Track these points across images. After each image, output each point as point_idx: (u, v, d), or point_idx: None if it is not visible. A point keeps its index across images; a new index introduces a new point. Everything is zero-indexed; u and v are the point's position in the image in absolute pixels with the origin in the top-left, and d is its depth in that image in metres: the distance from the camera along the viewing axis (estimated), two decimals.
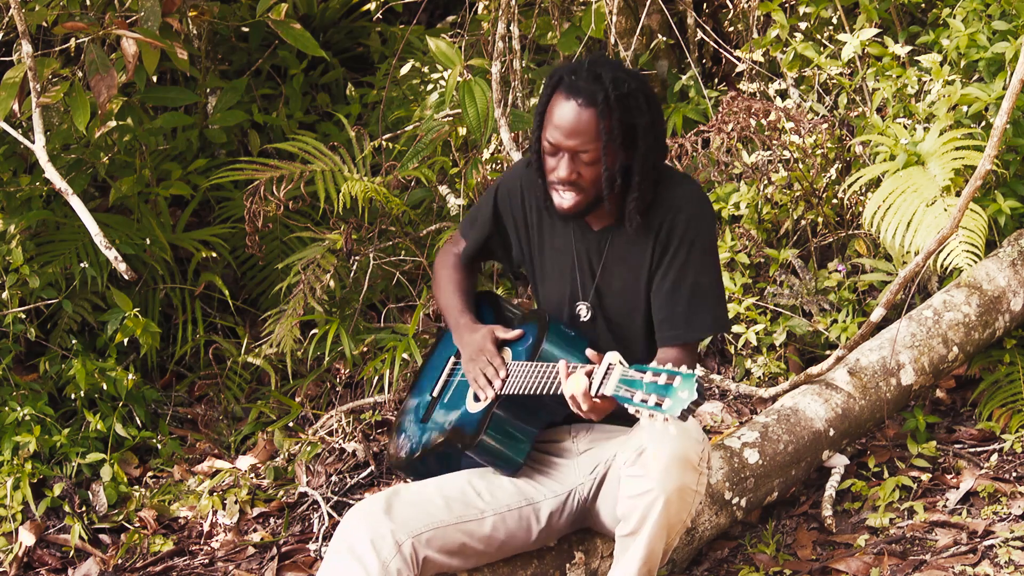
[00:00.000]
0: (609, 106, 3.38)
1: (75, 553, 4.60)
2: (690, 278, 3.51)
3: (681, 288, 3.51)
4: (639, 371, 3.11)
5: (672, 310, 3.51)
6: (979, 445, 4.40)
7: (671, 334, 3.52)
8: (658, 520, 3.32)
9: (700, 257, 3.51)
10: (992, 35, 4.65)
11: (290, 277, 5.10)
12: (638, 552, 3.37)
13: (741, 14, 5.34)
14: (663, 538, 3.36)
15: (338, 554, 3.39)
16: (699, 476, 3.33)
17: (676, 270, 3.51)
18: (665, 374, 3.06)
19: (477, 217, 3.84)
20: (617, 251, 3.58)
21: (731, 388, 4.63)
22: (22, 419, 4.84)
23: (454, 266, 3.91)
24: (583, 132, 3.40)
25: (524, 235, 3.73)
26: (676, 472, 3.28)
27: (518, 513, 3.56)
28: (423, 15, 6.17)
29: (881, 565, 3.87)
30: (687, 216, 3.50)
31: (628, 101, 3.40)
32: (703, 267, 3.52)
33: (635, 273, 3.56)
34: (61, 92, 4.64)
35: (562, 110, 3.41)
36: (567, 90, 3.41)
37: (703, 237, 3.52)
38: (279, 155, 5.34)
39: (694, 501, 3.35)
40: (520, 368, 3.51)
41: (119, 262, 4.05)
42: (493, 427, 3.53)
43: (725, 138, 4.80)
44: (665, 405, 3.01)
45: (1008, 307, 4.47)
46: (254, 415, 5.13)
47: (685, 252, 3.50)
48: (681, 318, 3.51)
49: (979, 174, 3.81)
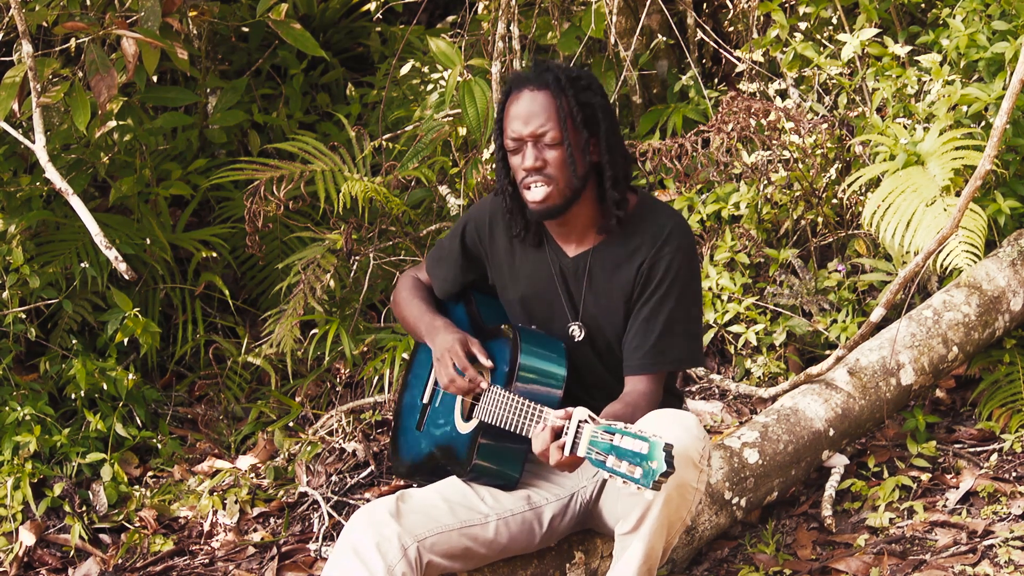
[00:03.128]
0: (561, 85, 3.41)
1: (75, 553, 4.61)
2: (666, 312, 3.48)
3: (656, 320, 3.48)
4: (608, 432, 3.10)
5: (644, 339, 3.49)
6: (979, 445, 4.40)
7: (638, 363, 3.50)
8: (658, 517, 3.31)
9: (680, 291, 3.49)
10: (992, 35, 4.65)
11: (290, 277, 5.11)
12: (638, 550, 3.36)
13: (741, 14, 5.34)
14: (663, 536, 3.35)
15: (343, 556, 3.40)
16: (699, 473, 3.33)
17: (655, 302, 3.49)
18: (633, 439, 3.06)
19: (443, 255, 3.80)
20: (596, 279, 3.56)
21: (731, 388, 4.63)
22: (22, 419, 4.84)
23: (415, 287, 3.86)
24: (539, 112, 3.41)
25: (495, 267, 3.71)
26: (678, 469, 3.28)
27: (521, 517, 3.57)
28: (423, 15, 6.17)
29: (881, 565, 3.87)
30: (671, 250, 3.48)
31: (579, 82, 3.44)
32: (681, 301, 3.50)
33: (616, 300, 3.54)
34: (61, 92, 4.64)
35: (516, 103, 3.44)
36: (517, 86, 3.45)
37: (685, 271, 3.50)
38: (279, 155, 5.34)
39: (694, 499, 3.35)
40: (498, 397, 3.49)
41: (119, 262, 4.06)
42: (482, 454, 3.53)
43: (725, 138, 4.80)
44: (638, 475, 3.03)
45: (1008, 307, 4.47)
46: (254, 415, 5.13)
47: (667, 285, 3.48)
48: (652, 349, 3.48)
49: (979, 174, 3.82)
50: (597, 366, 3.60)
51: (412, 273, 3.93)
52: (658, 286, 3.49)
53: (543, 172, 3.43)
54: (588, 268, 3.56)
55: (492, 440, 3.52)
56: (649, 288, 3.50)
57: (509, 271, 3.67)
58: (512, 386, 3.47)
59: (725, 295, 4.80)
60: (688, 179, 4.93)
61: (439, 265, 3.81)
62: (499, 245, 3.67)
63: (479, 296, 3.82)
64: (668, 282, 3.48)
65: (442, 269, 3.80)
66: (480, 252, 3.73)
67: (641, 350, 3.49)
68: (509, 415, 3.42)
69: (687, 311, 3.51)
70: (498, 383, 3.52)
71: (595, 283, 3.56)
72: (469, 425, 3.59)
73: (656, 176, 5.11)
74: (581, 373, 3.58)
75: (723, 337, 4.85)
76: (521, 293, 3.65)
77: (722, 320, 4.79)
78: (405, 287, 3.89)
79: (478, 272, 3.77)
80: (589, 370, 3.60)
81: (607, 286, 3.55)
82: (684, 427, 3.31)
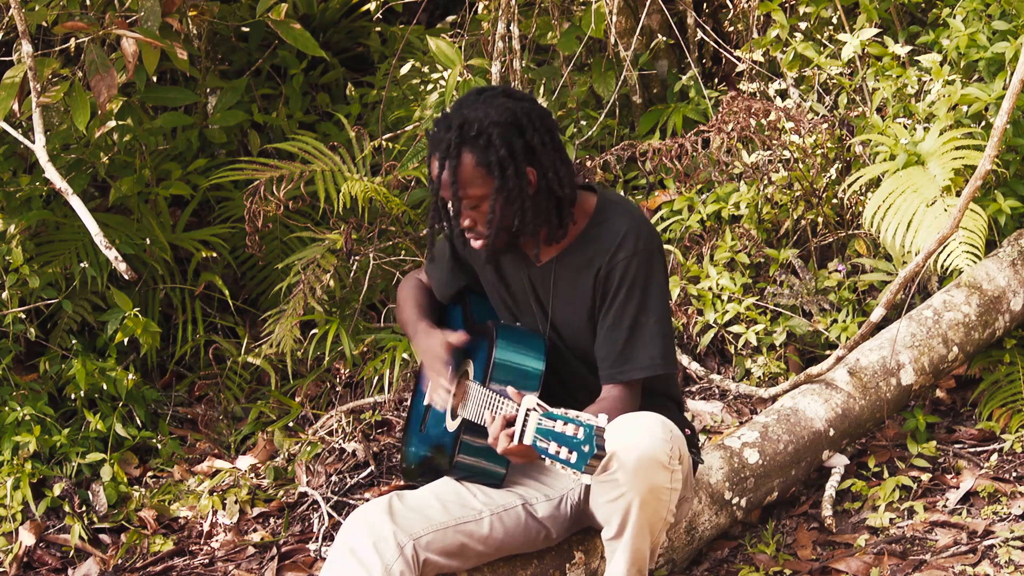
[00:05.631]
0: (452, 152, 3.34)
1: (75, 553, 4.60)
2: (629, 319, 3.45)
3: (620, 327, 3.46)
4: (551, 419, 3.10)
5: (610, 348, 3.48)
6: (979, 445, 4.40)
7: (607, 373, 3.49)
8: (637, 522, 3.32)
9: (641, 296, 3.45)
10: (992, 35, 4.65)
11: (290, 277, 5.11)
12: (624, 555, 3.38)
13: (741, 14, 5.33)
14: (646, 538, 3.36)
15: (340, 556, 3.41)
16: (671, 474, 3.30)
17: (616, 310, 3.46)
18: (572, 424, 3.06)
19: (435, 260, 3.83)
20: (561, 287, 3.55)
21: (731, 388, 4.63)
22: (22, 419, 4.84)
23: (415, 287, 3.90)
24: (447, 184, 3.38)
25: (481, 271, 3.73)
26: (645, 474, 3.26)
27: (515, 512, 3.57)
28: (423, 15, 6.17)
29: (881, 565, 3.87)
30: (626, 255, 3.45)
31: (478, 142, 3.34)
32: (643, 306, 3.46)
33: (581, 308, 3.54)
34: (61, 92, 4.64)
35: (432, 168, 3.43)
36: (431, 150, 3.42)
37: (643, 275, 3.45)
38: (279, 155, 5.34)
39: (671, 498, 3.33)
40: (476, 393, 3.50)
41: (119, 262, 4.06)
42: (464, 450, 3.54)
43: (725, 138, 4.80)
44: (573, 460, 3.03)
45: (1008, 307, 4.47)
46: (254, 415, 5.13)
47: (625, 292, 3.45)
48: (618, 357, 3.47)
49: (979, 174, 3.82)
50: (578, 368, 3.60)
51: (414, 274, 3.96)
52: (616, 293, 3.46)
53: (475, 230, 3.45)
54: (553, 277, 3.56)
55: (473, 437, 3.53)
56: (608, 296, 3.48)
57: (493, 277, 3.69)
58: (488, 382, 3.47)
59: (725, 295, 4.80)
60: (688, 179, 4.93)
61: (434, 269, 3.85)
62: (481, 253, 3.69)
63: (474, 297, 3.84)
64: (626, 288, 3.45)
65: (436, 272, 3.84)
66: (468, 258, 3.75)
67: (609, 359, 3.48)
68: (483, 410, 3.43)
69: (651, 314, 3.47)
70: (477, 379, 3.54)
71: (561, 291, 3.56)
72: (454, 423, 3.61)
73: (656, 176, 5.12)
74: (562, 375, 3.58)
75: (723, 337, 4.84)
76: (504, 299, 3.68)
77: (722, 320, 4.78)
78: (405, 288, 3.93)
79: (471, 276, 3.79)
80: (570, 372, 3.60)
81: (572, 294, 3.55)
82: (646, 430, 3.28)
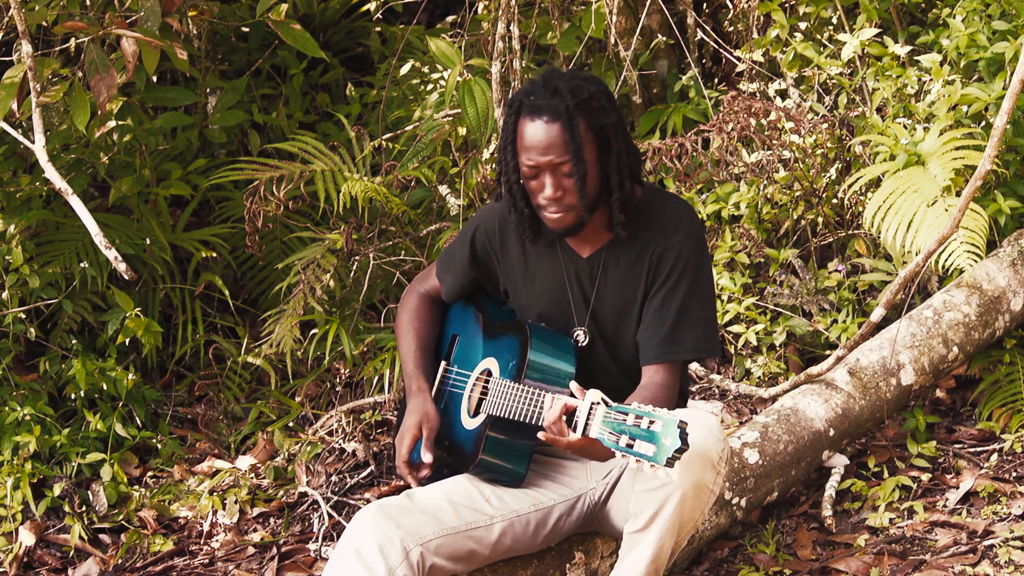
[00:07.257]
0: (572, 115, 3.37)
1: (75, 553, 4.61)
2: (678, 300, 3.49)
3: (669, 309, 3.49)
4: (621, 412, 3.09)
5: (657, 329, 3.49)
6: (979, 445, 4.40)
7: (652, 352, 3.50)
8: (671, 516, 3.31)
9: (691, 280, 3.49)
10: (992, 35, 4.65)
11: (290, 277, 5.11)
12: (647, 549, 3.35)
13: (741, 14, 5.33)
14: (674, 535, 3.35)
15: (344, 557, 3.38)
16: (716, 475, 3.33)
17: (666, 292, 3.49)
18: (647, 417, 3.04)
19: (452, 260, 3.80)
20: (610, 276, 3.56)
21: (731, 388, 4.63)
22: (22, 419, 4.84)
23: (416, 309, 3.87)
24: (556, 146, 3.38)
25: (507, 272, 3.71)
26: (696, 467, 3.27)
27: (527, 518, 3.56)
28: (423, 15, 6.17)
29: (881, 565, 3.87)
30: (680, 238, 3.49)
31: (591, 104, 3.39)
32: (692, 290, 3.50)
33: (630, 297, 3.55)
34: (61, 92, 4.64)
35: (530, 132, 3.40)
36: (529, 112, 3.40)
37: (696, 258, 3.51)
38: (279, 155, 5.34)
39: (708, 500, 3.34)
40: (507, 389, 3.49)
41: (119, 262, 4.06)
42: (489, 448, 3.53)
43: (725, 138, 4.80)
44: (652, 453, 3.01)
45: (1008, 307, 4.47)
46: (254, 415, 5.13)
47: (678, 274, 3.49)
48: (665, 338, 3.48)
49: (979, 174, 3.82)
50: (610, 368, 3.59)
51: (417, 288, 3.91)
52: (669, 275, 3.49)
53: (562, 201, 3.44)
54: (603, 266, 3.56)
55: (500, 434, 3.52)
56: (660, 278, 3.50)
57: (523, 276, 3.67)
58: (521, 381, 3.47)
59: (725, 295, 4.80)
60: (688, 179, 4.93)
61: (448, 270, 3.81)
62: (511, 250, 3.67)
63: (486, 297, 3.83)
64: (679, 271, 3.49)
65: (451, 274, 3.80)
66: (490, 258, 3.72)
67: (656, 339, 3.49)
68: (519, 405, 3.42)
69: (699, 299, 3.51)
70: (506, 378, 3.53)
71: (610, 280, 3.56)
72: (476, 420, 3.59)
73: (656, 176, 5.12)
74: (593, 375, 3.56)
75: (723, 337, 4.84)
76: (535, 296, 3.65)
77: (722, 320, 4.79)
78: (406, 310, 3.88)
79: (487, 277, 3.76)
80: (601, 372, 3.59)
81: (622, 282, 3.55)
82: (706, 427, 3.31)
